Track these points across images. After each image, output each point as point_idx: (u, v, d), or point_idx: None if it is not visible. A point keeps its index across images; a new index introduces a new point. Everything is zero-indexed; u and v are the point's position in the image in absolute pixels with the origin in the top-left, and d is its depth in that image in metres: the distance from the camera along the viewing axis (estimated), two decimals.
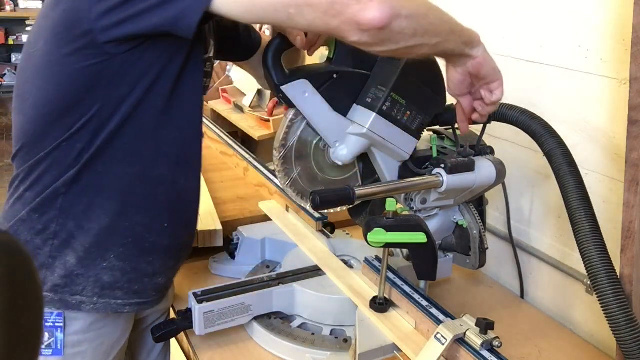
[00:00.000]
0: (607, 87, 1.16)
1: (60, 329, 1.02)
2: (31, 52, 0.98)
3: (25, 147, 1.00)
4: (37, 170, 0.98)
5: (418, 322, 1.08)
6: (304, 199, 1.11)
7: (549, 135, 1.06)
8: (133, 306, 1.07)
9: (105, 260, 1.01)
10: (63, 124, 0.94)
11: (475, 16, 1.45)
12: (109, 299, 1.04)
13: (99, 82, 0.92)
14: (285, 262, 1.33)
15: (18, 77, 1.03)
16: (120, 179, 0.99)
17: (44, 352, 1.03)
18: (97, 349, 1.07)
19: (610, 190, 1.17)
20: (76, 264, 1.00)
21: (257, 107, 2.61)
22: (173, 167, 1.02)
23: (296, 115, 1.04)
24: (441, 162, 1.09)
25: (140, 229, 1.02)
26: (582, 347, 1.23)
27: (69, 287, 1.01)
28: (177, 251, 1.11)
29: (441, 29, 0.87)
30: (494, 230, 1.47)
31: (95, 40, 0.88)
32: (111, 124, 0.94)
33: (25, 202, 1.00)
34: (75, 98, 0.93)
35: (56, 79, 0.93)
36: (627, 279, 0.95)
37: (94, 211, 0.99)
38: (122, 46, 0.89)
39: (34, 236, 1.00)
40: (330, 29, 0.80)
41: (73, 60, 0.90)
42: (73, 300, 1.02)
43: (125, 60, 0.90)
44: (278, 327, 1.16)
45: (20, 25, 7.02)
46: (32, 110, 0.97)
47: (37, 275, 0.54)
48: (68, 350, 1.04)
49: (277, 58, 1.00)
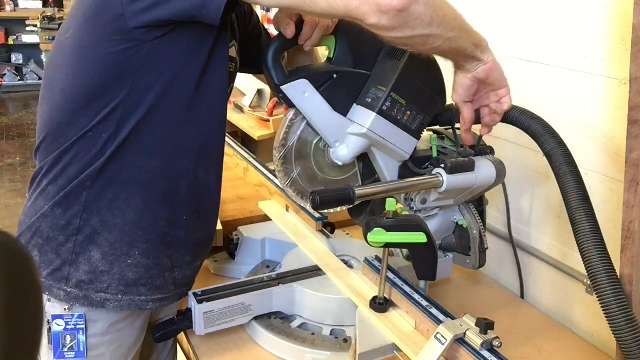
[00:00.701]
0: (607, 87, 1.16)
1: (82, 330, 1.03)
2: (61, 41, 0.99)
3: (49, 137, 1.00)
4: (61, 162, 0.98)
5: (418, 322, 1.08)
6: (304, 199, 1.11)
7: (549, 135, 1.06)
8: (156, 302, 1.07)
9: (130, 256, 1.02)
10: (89, 112, 0.95)
11: (476, 16, 1.45)
12: (133, 296, 1.04)
13: (127, 69, 0.93)
14: (285, 262, 1.33)
15: (47, 67, 1.04)
16: (145, 172, 0.99)
17: (67, 355, 1.03)
18: (115, 351, 1.08)
19: (610, 190, 1.17)
20: (101, 260, 1.00)
21: (257, 107, 2.61)
22: (195, 161, 1.03)
23: (296, 115, 1.04)
24: (441, 162, 1.09)
25: (163, 224, 1.03)
26: (582, 347, 1.23)
27: (93, 283, 1.01)
28: (194, 245, 1.11)
29: (455, 23, 0.88)
30: (494, 230, 1.47)
31: (125, 26, 0.89)
32: (136, 114, 0.95)
33: (48, 196, 1.00)
34: (103, 85, 0.94)
35: (86, 64, 0.94)
36: (627, 279, 0.95)
37: (119, 206, 0.99)
38: (151, 33, 0.90)
39: (56, 232, 1.00)
40: (350, 11, 0.81)
41: (103, 45, 0.92)
42: (97, 298, 1.02)
43: (153, 48, 0.92)
44: (278, 327, 1.16)
45: (20, 25, 7.01)
46: (60, 96, 0.98)
47: (37, 275, 0.54)
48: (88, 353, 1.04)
49: (277, 58, 1.00)
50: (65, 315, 1.02)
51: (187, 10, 0.87)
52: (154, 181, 1.00)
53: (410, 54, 1.01)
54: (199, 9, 0.86)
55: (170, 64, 0.94)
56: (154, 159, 0.99)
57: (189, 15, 0.88)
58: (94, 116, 0.95)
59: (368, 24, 0.82)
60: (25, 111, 6.51)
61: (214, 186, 1.11)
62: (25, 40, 7.17)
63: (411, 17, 0.81)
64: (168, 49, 0.93)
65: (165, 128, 0.98)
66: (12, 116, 6.36)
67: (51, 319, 1.02)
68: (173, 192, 1.02)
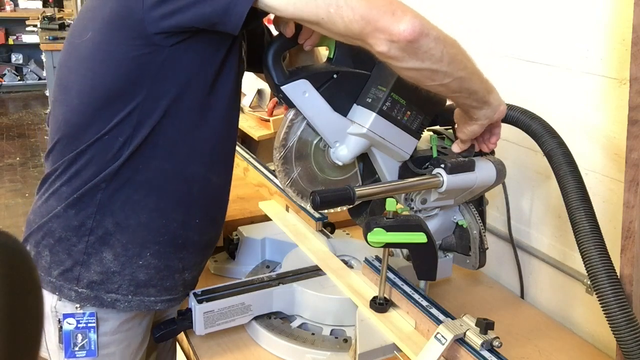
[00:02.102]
0: (607, 87, 1.16)
1: (93, 329, 1.03)
2: (77, 44, 0.99)
3: (64, 140, 1.00)
4: (76, 164, 0.98)
5: (418, 322, 1.09)
6: (304, 199, 1.11)
7: (549, 135, 1.06)
8: (164, 303, 1.08)
9: (142, 258, 1.02)
10: (106, 115, 0.95)
11: (476, 16, 1.45)
12: (143, 297, 1.04)
13: (144, 73, 0.93)
14: (285, 262, 1.33)
15: (59, 69, 1.04)
16: (158, 175, 0.99)
17: (78, 353, 1.03)
18: (124, 350, 1.08)
19: (610, 190, 1.17)
20: (112, 261, 1.01)
21: (257, 107, 2.61)
22: (208, 164, 1.04)
23: (296, 115, 1.05)
24: (441, 162, 1.09)
25: (175, 226, 1.03)
26: (582, 347, 1.23)
27: (104, 284, 1.01)
28: (205, 247, 1.12)
29: (466, 64, 0.92)
30: (494, 230, 1.47)
31: (145, 31, 0.90)
32: (152, 118, 0.95)
33: (61, 197, 1.00)
34: (120, 88, 0.94)
35: (104, 68, 0.94)
36: (627, 279, 0.95)
37: (132, 208, 1.00)
38: (171, 39, 0.91)
39: (68, 232, 1.00)
40: (363, 35, 0.84)
41: (122, 50, 0.92)
42: (108, 298, 1.02)
43: (171, 54, 0.92)
44: (278, 327, 1.16)
45: (20, 25, 7.01)
46: (77, 99, 0.98)
47: (37, 275, 0.54)
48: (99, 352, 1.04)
49: (277, 58, 1.00)
50: (77, 313, 1.02)
51: (209, 17, 0.87)
52: (168, 184, 1.01)
53: None
54: (220, 16, 0.86)
55: (186, 69, 0.94)
56: (167, 162, 0.99)
57: (210, 23, 0.88)
58: (110, 119, 0.95)
59: (378, 51, 0.85)
60: (25, 111, 6.51)
61: (224, 188, 1.12)
62: (25, 40, 7.17)
63: (420, 50, 0.84)
64: (184, 55, 0.93)
65: (179, 132, 0.98)
66: (12, 116, 6.36)
67: (62, 317, 1.02)
68: (186, 194, 1.03)
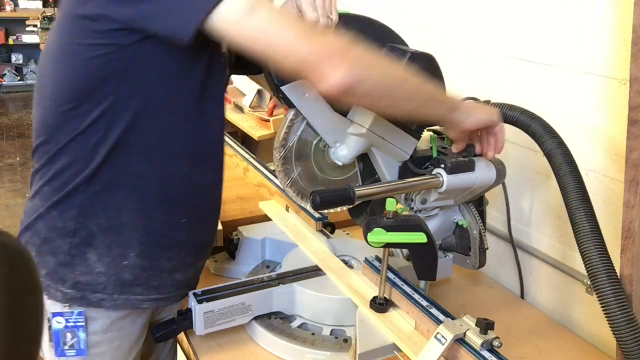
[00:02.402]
0: (607, 87, 1.16)
1: (82, 328, 1.03)
2: (48, 45, 0.99)
3: (43, 139, 1.00)
4: (55, 165, 0.99)
5: (418, 322, 1.08)
6: (304, 199, 1.11)
7: (549, 135, 1.06)
8: (152, 302, 1.08)
9: (127, 258, 1.02)
10: (77, 116, 0.95)
11: (476, 16, 1.45)
12: (129, 295, 1.04)
13: (110, 73, 0.92)
14: (285, 262, 1.33)
15: (38, 71, 1.05)
16: (138, 175, 0.99)
17: (68, 352, 1.03)
18: (116, 350, 1.08)
19: (610, 190, 1.17)
20: (97, 262, 1.01)
21: (257, 107, 2.61)
22: (189, 163, 1.03)
23: (296, 115, 1.04)
24: (441, 162, 1.09)
25: (159, 226, 1.03)
26: (582, 347, 1.23)
27: (90, 284, 1.01)
28: (195, 247, 1.11)
29: (418, 96, 0.96)
30: (494, 230, 1.47)
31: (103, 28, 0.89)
32: (124, 118, 0.95)
33: (43, 197, 1.00)
34: (88, 89, 0.94)
35: (69, 69, 0.94)
36: (627, 279, 0.95)
37: (113, 209, 0.99)
38: (130, 36, 0.90)
39: (52, 233, 1.00)
40: (305, 74, 0.90)
41: (85, 50, 0.92)
42: (94, 298, 1.02)
43: (135, 52, 0.91)
44: (278, 327, 1.16)
45: (20, 25, 7.01)
46: (49, 101, 0.98)
47: (37, 275, 0.54)
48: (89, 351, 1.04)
49: None
50: (65, 312, 1.02)
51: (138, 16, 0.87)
52: (148, 184, 1.00)
53: (411, 54, 1.01)
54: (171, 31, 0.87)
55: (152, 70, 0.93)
56: (145, 162, 0.99)
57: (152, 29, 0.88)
58: (82, 120, 0.95)
59: (318, 89, 0.89)
60: (25, 111, 6.50)
61: (212, 186, 1.11)
62: (25, 40, 7.16)
63: (357, 94, 0.89)
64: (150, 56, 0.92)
65: (154, 131, 0.98)
66: (12, 116, 6.36)
67: (51, 316, 1.02)
68: (168, 194, 1.02)
